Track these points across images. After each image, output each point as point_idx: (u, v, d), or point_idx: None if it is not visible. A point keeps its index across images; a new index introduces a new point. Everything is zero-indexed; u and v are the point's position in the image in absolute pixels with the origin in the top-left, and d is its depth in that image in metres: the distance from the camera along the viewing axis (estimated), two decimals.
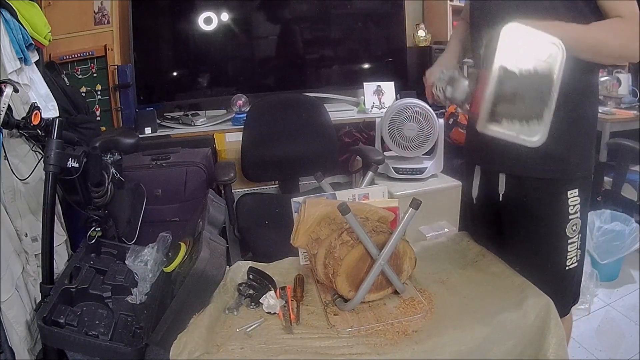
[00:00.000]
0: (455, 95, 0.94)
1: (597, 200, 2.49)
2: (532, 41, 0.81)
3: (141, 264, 1.14)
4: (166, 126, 2.42)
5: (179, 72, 2.59)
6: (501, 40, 0.81)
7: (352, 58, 2.87)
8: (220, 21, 2.49)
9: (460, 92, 0.93)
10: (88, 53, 2.26)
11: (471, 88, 0.92)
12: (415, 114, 2.09)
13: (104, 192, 1.40)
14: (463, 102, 0.93)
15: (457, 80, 0.93)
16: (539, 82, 0.81)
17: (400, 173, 2.15)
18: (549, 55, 0.81)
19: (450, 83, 0.95)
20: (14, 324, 1.20)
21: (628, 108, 2.81)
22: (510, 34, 0.80)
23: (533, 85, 0.81)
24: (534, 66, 0.81)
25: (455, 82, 0.94)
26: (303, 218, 1.05)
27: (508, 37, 0.81)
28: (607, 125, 2.59)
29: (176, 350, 0.88)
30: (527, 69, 0.81)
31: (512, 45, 0.81)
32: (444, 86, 0.97)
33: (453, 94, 0.94)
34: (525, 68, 0.81)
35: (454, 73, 0.97)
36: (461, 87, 0.92)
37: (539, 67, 0.81)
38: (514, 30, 0.80)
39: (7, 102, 1.17)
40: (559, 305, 1.02)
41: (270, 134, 2.14)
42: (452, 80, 0.95)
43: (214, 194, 1.23)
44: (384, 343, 0.89)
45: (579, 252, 1.10)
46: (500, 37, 0.81)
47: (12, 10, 1.44)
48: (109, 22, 2.32)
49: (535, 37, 0.81)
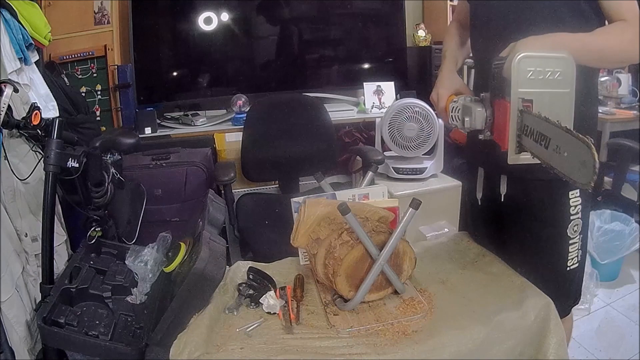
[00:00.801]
0: (475, 125, 0.93)
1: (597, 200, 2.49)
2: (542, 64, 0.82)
3: (141, 264, 1.14)
4: (166, 126, 2.42)
5: (179, 72, 2.59)
6: (513, 72, 0.81)
7: (352, 58, 2.87)
8: (220, 21, 2.50)
9: (479, 122, 0.93)
10: (88, 53, 2.26)
11: (488, 115, 0.92)
12: (415, 114, 2.09)
13: (104, 192, 1.40)
14: (483, 130, 0.93)
15: (472, 110, 0.93)
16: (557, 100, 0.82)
17: (400, 173, 2.15)
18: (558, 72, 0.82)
19: (465, 113, 0.95)
20: (14, 324, 1.20)
21: (628, 108, 2.81)
22: (522, 63, 0.81)
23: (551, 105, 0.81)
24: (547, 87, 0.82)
25: (471, 112, 0.94)
26: (303, 218, 1.05)
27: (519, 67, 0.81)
28: (607, 125, 2.59)
29: (176, 350, 0.88)
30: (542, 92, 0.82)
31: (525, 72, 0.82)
32: (460, 117, 0.97)
33: (472, 124, 0.94)
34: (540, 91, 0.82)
35: (466, 101, 0.97)
36: (479, 116, 0.92)
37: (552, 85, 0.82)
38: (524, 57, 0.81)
39: (7, 102, 1.17)
40: (559, 306, 1.02)
41: (270, 134, 2.14)
42: (467, 110, 0.95)
43: (214, 194, 1.23)
44: (384, 343, 0.89)
45: (580, 252, 1.10)
46: (512, 69, 0.81)
47: (12, 10, 1.44)
48: (109, 22, 2.32)
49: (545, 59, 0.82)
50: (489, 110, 0.92)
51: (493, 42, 1.06)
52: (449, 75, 1.14)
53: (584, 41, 0.89)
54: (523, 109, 0.83)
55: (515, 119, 0.83)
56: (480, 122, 0.92)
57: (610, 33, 0.91)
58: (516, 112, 0.83)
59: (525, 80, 0.82)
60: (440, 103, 1.09)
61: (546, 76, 0.82)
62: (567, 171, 0.75)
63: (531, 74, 0.82)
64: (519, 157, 0.87)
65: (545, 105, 0.82)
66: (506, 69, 0.83)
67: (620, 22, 0.90)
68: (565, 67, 0.82)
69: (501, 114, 0.87)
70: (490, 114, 0.92)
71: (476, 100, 0.96)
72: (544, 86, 0.82)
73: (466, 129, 0.97)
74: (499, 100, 0.88)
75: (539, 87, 0.82)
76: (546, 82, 0.82)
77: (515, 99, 0.83)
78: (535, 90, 0.82)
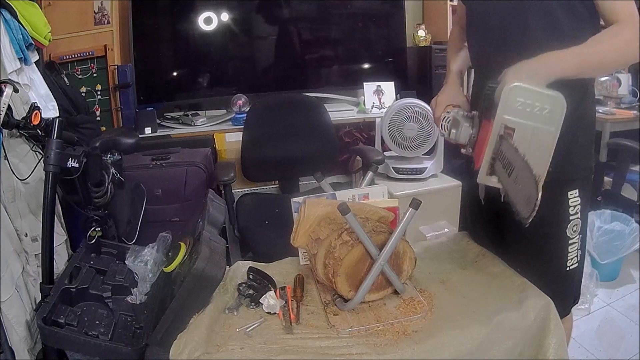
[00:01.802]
0: (459, 138, 0.97)
1: (597, 200, 2.49)
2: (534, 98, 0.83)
3: (141, 264, 1.13)
4: (166, 126, 2.42)
5: (179, 72, 2.59)
6: (503, 98, 0.83)
7: (352, 58, 2.87)
8: (220, 21, 2.50)
9: (463, 137, 0.96)
10: (88, 53, 2.26)
11: (474, 132, 0.95)
12: (415, 114, 2.09)
13: (104, 192, 1.40)
14: (466, 145, 0.97)
15: (460, 124, 0.96)
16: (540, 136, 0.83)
17: (400, 173, 2.15)
18: (547, 109, 0.83)
19: (454, 125, 0.98)
20: (14, 324, 1.20)
21: (628, 108, 2.80)
22: (513, 92, 0.83)
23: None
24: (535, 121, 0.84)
25: (458, 126, 0.96)
26: (303, 218, 1.05)
27: (509, 96, 0.83)
28: (607, 125, 2.59)
29: (176, 350, 0.88)
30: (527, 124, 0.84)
31: (514, 102, 0.83)
32: (449, 127, 1.00)
33: (456, 137, 0.97)
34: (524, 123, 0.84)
35: (457, 114, 0.99)
36: (463, 132, 0.95)
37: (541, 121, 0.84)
38: (516, 87, 0.83)
39: (7, 102, 1.17)
40: (559, 306, 1.02)
41: (270, 134, 2.14)
42: (455, 123, 0.97)
43: (214, 194, 1.23)
44: (384, 343, 0.89)
45: (580, 252, 1.10)
46: (502, 96, 0.83)
47: (12, 10, 1.44)
48: (109, 22, 2.32)
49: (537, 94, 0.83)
50: (475, 129, 0.95)
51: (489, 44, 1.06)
52: (452, 88, 1.17)
53: (582, 56, 0.89)
54: (503, 134, 0.85)
55: (494, 142, 0.86)
56: (465, 137, 0.96)
57: (605, 40, 0.90)
58: (496, 137, 0.86)
59: (512, 108, 0.84)
60: (437, 111, 1.11)
61: (534, 110, 0.84)
62: (516, 201, 0.80)
63: (520, 104, 0.83)
64: (489, 178, 0.90)
65: (527, 137, 0.84)
66: (497, 94, 0.85)
67: (613, 26, 0.90)
68: (555, 106, 0.83)
69: (483, 133, 0.90)
70: (475, 133, 0.94)
71: (467, 116, 0.99)
72: (529, 119, 0.84)
73: (451, 140, 1.00)
74: (485, 121, 0.90)
75: (524, 119, 0.84)
76: (533, 115, 0.84)
77: (498, 124, 0.85)
78: (519, 121, 0.84)
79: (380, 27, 2.89)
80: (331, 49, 2.83)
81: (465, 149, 0.97)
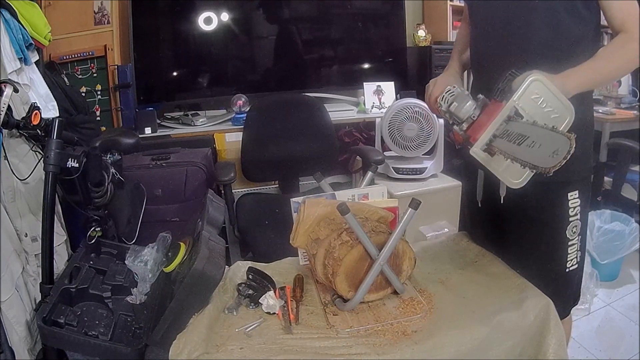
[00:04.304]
0: (459, 112, 0.96)
1: (597, 200, 2.49)
2: (549, 97, 0.86)
3: (141, 264, 1.13)
4: (166, 126, 2.42)
5: (179, 72, 2.59)
6: (523, 85, 0.86)
7: (352, 58, 2.87)
8: (220, 21, 2.49)
9: (464, 111, 0.95)
10: (88, 53, 2.26)
11: (475, 112, 0.95)
12: (415, 114, 2.09)
13: (104, 192, 1.40)
14: (462, 121, 0.96)
15: (465, 100, 0.96)
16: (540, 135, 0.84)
17: (400, 173, 2.15)
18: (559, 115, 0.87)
19: (458, 99, 0.97)
20: (14, 324, 1.20)
21: (628, 108, 2.80)
22: (534, 84, 0.86)
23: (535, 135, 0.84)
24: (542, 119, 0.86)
25: (462, 100, 0.96)
26: (302, 218, 1.05)
27: (530, 85, 0.86)
28: (607, 125, 2.59)
29: (175, 350, 0.88)
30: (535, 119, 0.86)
31: (531, 93, 0.86)
32: (450, 99, 0.99)
33: (457, 110, 0.96)
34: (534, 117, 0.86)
35: (464, 92, 0.99)
36: (467, 106, 0.95)
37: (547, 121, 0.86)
38: (538, 81, 0.86)
39: (7, 102, 1.17)
40: (559, 307, 1.02)
41: (270, 134, 2.14)
42: (460, 97, 0.97)
43: (213, 194, 1.23)
44: (384, 343, 0.89)
45: (579, 253, 1.10)
46: (523, 82, 0.86)
47: (12, 10, 1.44)
48: (109, 22, 2.32)
49: (553, 95, 0.87)
50: (477, 110, 0.95)
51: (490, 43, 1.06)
52: (452, 73, 1.18)
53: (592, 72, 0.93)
54: (513, 116, 0.87)
55: (500, 120, 0.88)
56: (466, 112, 0.95)
57: (616, 54, 0.94)
58: (504, 117, 0.87)
59: (527, 98, 0.86)
60: (435, 89, 1.10)
61: (545, 108, 0.86)
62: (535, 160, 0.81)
63: (535, 97, 0.86)
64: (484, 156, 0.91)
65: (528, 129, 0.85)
66: (517, 81, 0.87)
67: (620, 36, 0.93)
68: (564, 114, 0.87)
69: (490, 111, 0.91)
70: (477, 114, 0.95)
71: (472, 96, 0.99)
72: (537, 114, 0.87)
73: (448, 113, 0.99)
74: (495, 101, 0.91)
75: (533, 112, 0.87)
76: (542, 112, 0.87)
77: (510, 106, 0.87)
78: (529, 112, 0.87)
79: (380, 27, 2.88)
80: (331, 49, 2.83)
81: (459, 125, 0.97)
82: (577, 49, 0.96)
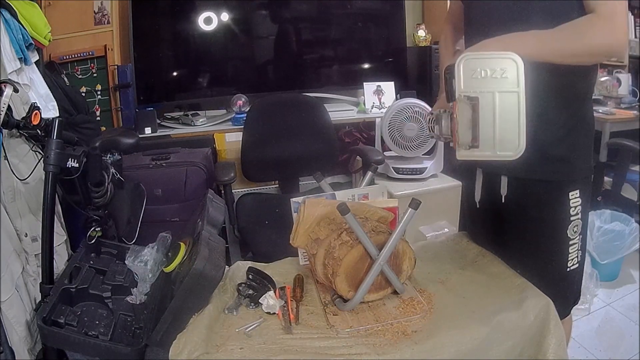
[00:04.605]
0: (441, 132, 0.97)
1: (597, 200, 2.49)
2: (485, 64, 0.85)
3: (141, 264, 1.13)
4: (166, 126, 2.42)
5: (179, 72, 2.59)
6: (457, 73, 0.85)
7: (352, 58, 2.87)
8: (220, 21, 2.49)
9: (445, 129, 0.96)
10: (88, 53, 2.26)
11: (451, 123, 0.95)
12: (415, 114, 2.09)
13: (104, 192, 1.40)
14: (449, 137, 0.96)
15: (440, 119, 0.96)
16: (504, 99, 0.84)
17: (400, 173, 2.15)
18: (503, 71, 0.84)
19: (436, 122, 0.98)
20: (14, 324, 1.20)
21: (628, 108, 2.80)
22: (464, 65, 0.85)
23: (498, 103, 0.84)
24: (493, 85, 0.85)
25: (440, 120, 0.97)
26: (302, 218, 1.05)
27: (462, 68, 0.85)
28: (607, 125, 2.59)
29: (175, 351, 0.88)
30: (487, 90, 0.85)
31: (467, 74, 0.85)
32: (433, 125, 1.00)
33: (439, 131, 0.97)
34: (484, 90, 0.85)
35: (440, 112, 0.99)
36: (444, 124, 0.95)
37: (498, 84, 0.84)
38: (466, 60, 0.85)
39: (7, 102, 1.17)
40: (559, 307, 1.02)
41: (270, 134, 2.14)
42: (438, 118, 0.98)
43: (213, 194, 1.23)
44: (384, 343, 0.89)
45: (580, 253, 1.10)
46: (455, 70, 0.85)
47: (12, 10, 1.44)
48: (109, 22, 2.32)
49: (488, 59, 0.85)
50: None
51: None
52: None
53: (542, 39, 0.87)
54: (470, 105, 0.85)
55: (463, 116, 0.86)
56: (446, 129, 0.95)
57: (570, 28, 0.87)
58: (463, 110, 0.86)
59: (468, 80, 0.85)
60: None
61: (491, 75, 0.84)
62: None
63: (474, 73, 0.84)
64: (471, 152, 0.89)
65: (490, 103, 0.85)
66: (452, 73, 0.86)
67: (586, 16, 0.87)
68: (510, 66, 0.84)
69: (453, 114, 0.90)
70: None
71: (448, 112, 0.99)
72: (488, 85, 0.85)
73: (436, 137, 1.00)
74: (453, 103, 0.90)
75: (482, 87, 0.85)
76: (490, 81, 0.85)
77: (460, 97, 0.86)
78: (479, 90, 0.85)
79: (380, 27, 2.88)
80: (331, 49, 2.83)
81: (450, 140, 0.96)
82: None
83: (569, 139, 1.02)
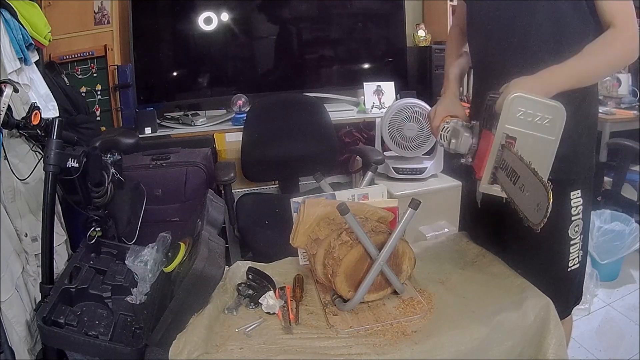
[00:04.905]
0: (459, 148, 0.98)
1: (597, 200, 2.49)
2: (534, 106, 0.85)
3: (141, 264, 1.13)
4: (166, 126, 2.42)
5: (179, 72, 2.59)
6: (505, 109, 0.85)
7: (352, 58, 2.87)
8: (220, 21, 2.50)
9: (463, 146, 0.97)
10: (88, 53, 2.26)
11: (474, 142, 0.96)
12: (415, 114, 2.09)
13: (104, 192, 1.40)
14: (466, 155, 0.98)
15: (460, 134, 0.97)
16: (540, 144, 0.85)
17: (400, 173, 2.15)
18: (548, 118, 0.85)
19: (453, 135, 0.99)
20: (14, 324, 1.20)
21: (628, 108, 2.80)
22: (515, 101, 0.84)
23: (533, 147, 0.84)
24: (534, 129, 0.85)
25: (458, 136, 0.97)
26: (302, 218, 1.05)
27: (512, 105, 0.84)
28: (607, 125, 2.59)
29: (175, 351, 0.88)
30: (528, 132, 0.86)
31: (515, 112, 0.85)
32: (448, 137, 1.01)
33: (456, 147, 0.98)
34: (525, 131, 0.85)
35: (457, 125, 1.00)
36: (464, 141, 0.96)
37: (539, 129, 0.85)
38: (518, 97, 0.84)
39: (7, 102, 1.17)
40: (560, 307, 1.02)
41: (270, 134, 2.14)
42: (455, 133, 0.98)
43: (213, 194, 1.23)
44: (384, 343, 0.89)
45: (581, 253, 1.10)
46: (504, 106, 0.85)
47: (12, 10, 1.44)
48: (109, 22, 2.32)
49: (538, 103, 0.85)
50: (475, 139, 0.96)
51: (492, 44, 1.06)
52: (450, 99, 1.16)
53: (579, 69, 0.90)
54: (505, 144, 0.86)
55: (495, 152, 0.88)
56: (465, 147, 0.97)
57: (601, 51, 0.91)
58: (498, 146, 0.87)
59: (514, 118, 0.85)
60: (434, 121, 1.11)
61: (535, 119, 0.85)
62: (524, 209, 0.81)
63: (521, 114, 0.85)
64: (491, 187, 0.92)
65: (528, 146, 0.86)
66: (498, 105, 0.86)
67: (608, 32, 0.91)
68: (555, 115, 0.85)
69: (484, 144, 0.92)
70: (475, 143, 0.95)
71: (467, 126, 1.00)
72: (530, 128, 0.86)
73: (451, 150, 1.01)
74: (486, 131, 0.91)
75: (525, 128, 0.86)
76: (534, 125, 0.86)
77: (500, 134, 0.86)
78: (521, 130, 0.86)
79: (380, 27, 2.88)
80: (331, 49, 2.83)
81: (465, 158, 0.98)
82: (580, 46, 0.96)
83: (570, 138, 1.01)
